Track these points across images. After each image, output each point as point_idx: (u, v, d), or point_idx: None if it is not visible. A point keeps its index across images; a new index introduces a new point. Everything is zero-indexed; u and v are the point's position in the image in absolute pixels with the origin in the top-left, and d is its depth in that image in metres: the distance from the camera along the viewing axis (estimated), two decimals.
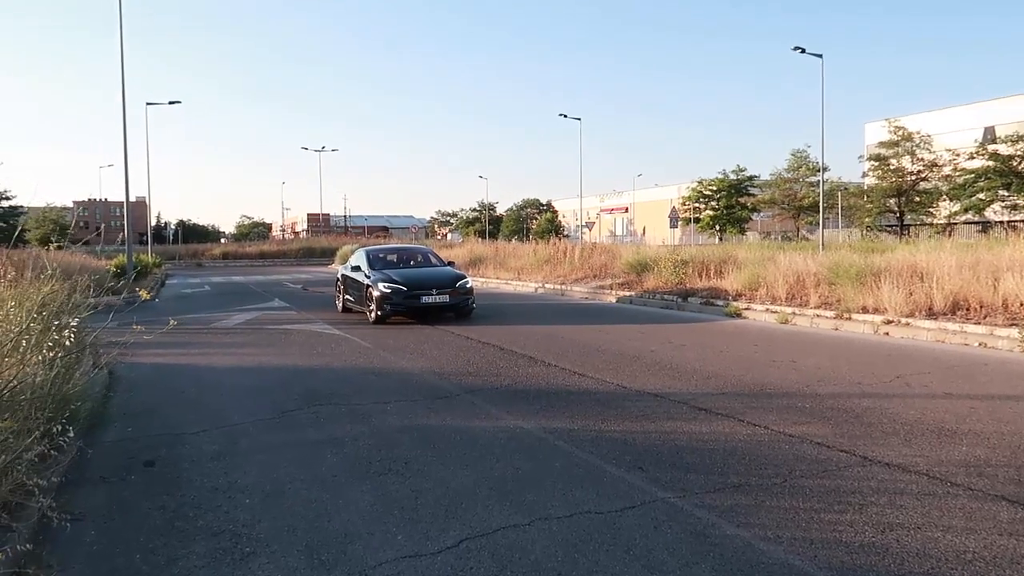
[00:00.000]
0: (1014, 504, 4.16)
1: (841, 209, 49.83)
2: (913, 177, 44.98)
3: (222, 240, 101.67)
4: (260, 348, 11.31)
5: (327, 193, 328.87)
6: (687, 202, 62.23)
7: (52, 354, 5.00)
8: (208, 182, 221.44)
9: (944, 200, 43.68)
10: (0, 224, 55.48)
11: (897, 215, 45.70)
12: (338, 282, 16.58)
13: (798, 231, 55.59)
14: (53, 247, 17.75)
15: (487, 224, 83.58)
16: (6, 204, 59.98)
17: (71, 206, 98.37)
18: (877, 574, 3.36)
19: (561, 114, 51.19)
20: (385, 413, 6.69)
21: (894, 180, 44.97)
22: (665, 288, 17.02)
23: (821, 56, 33.33)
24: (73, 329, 5.36)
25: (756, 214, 61.74)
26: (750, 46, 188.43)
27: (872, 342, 10.54)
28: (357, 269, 15.20)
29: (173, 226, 71.94)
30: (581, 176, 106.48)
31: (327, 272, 35.28)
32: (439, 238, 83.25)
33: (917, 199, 44.57)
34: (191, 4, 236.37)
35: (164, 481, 4.95)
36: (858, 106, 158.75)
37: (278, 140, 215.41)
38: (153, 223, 62.54)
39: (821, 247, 23.70)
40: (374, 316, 13.81)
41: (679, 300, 15.80)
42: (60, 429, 4.38)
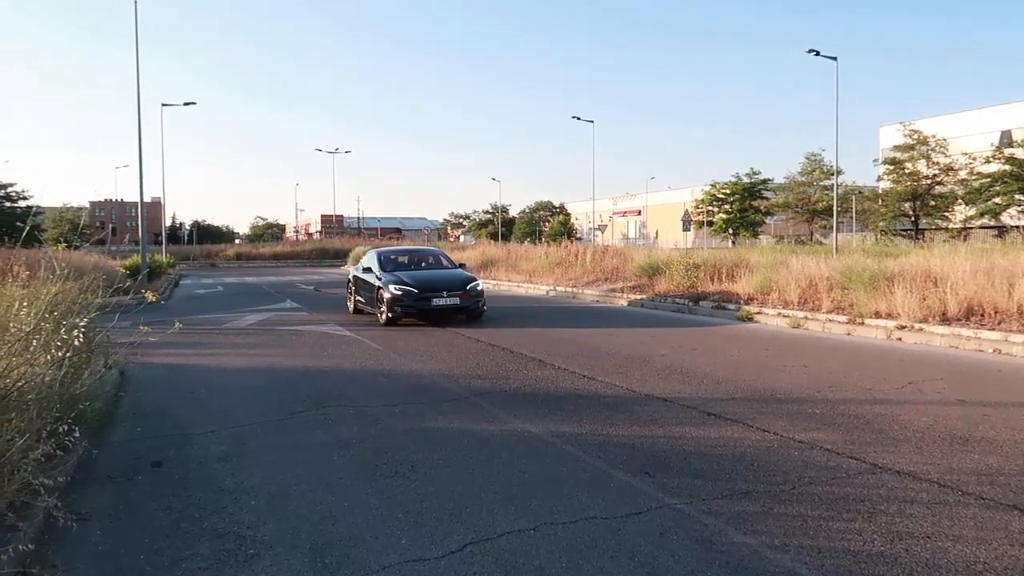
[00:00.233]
0: None
1: (855, 213, 49.51)
2: (928, 181, 44.68)
3: (236, 241, 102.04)
4: (271, 349, 11.36)
5: (340, 194, 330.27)
6: (700, 205, 62.05)
7: (61, 354, 5.03)
8: (223, 183, 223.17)
9: (960, 204, 43.34)
10: (18, 224, 56.06)
11: (912, 219, 45.35)
12: (349, 283, 16.62)
13: (812, 235, 55.35)
14: (62, 247, 17.84)
15: (500, 226, 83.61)
16: (23, 204, 60.54)
17: (87, 206, 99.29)
18: None
19: (574, 116, 51.30)
20: (393, 415, 6.68)
21: (909, 184, 44.69)
22: (677, 292, 16.95)
23: (836, 59, 33.23)
24: (82, 329, 5.38)
25: (769, 217, 61.60)
26: (754, 47, 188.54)
27: (885, 347, 10.44)
28: (368, 271, 15.24)
29: (188, 227, 72.60)
30: (594, 179, 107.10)
31: (340, 273, 35.36)
32: (451, 240, 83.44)
33: (932, 203, 44.25)
34: (206, 6, 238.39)
35: (171, 482, 4.96)
36: (871, 109, 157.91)
37: (292, 141, 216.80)
38: (168, 224, 63.07)
39: (835, 251, 23.54)
40: (385, 318, 13.83)
41: (690, 304, 15.72)
42: (67, 429, 4.40)
